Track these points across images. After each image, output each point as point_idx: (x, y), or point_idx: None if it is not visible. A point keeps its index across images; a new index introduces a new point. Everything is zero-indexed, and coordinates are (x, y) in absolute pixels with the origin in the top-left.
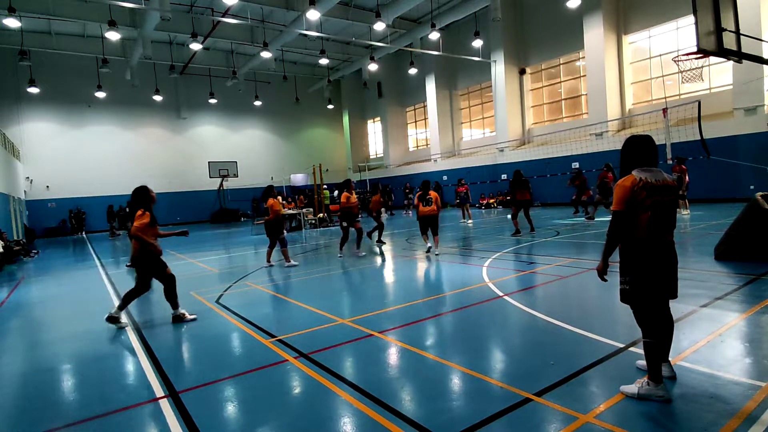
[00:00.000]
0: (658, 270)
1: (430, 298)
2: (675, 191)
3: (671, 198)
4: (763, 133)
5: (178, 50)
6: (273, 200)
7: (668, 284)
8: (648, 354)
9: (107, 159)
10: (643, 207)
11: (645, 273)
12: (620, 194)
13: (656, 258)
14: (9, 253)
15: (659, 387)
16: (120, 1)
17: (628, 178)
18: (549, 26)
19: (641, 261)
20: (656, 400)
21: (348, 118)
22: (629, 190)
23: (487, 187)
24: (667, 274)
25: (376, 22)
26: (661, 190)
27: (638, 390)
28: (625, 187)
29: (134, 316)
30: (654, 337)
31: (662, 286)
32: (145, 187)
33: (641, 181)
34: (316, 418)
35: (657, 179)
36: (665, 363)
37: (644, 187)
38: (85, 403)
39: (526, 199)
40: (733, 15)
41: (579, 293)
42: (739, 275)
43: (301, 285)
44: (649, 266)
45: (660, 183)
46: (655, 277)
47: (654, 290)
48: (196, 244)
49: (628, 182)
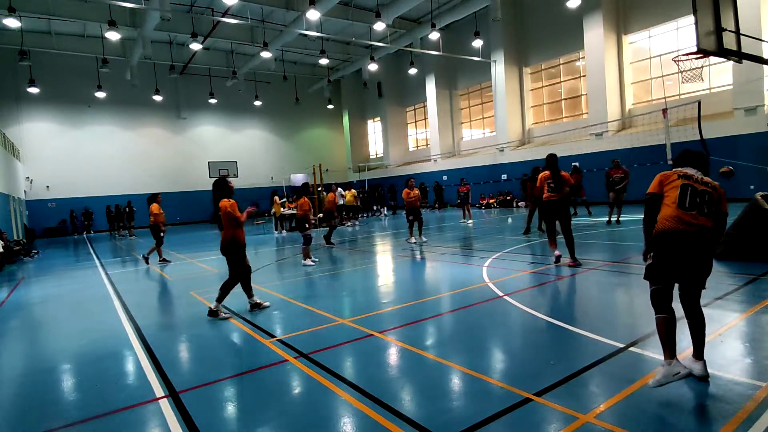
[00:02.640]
0: (680, 257)
1: (430, 298)
2: (716, 188)
3: (706, 189)
4: (763, 133)
5: (178, 50)
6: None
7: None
8: (660, 331)
9: (107, 159)
10: (673, 188)
11: (665, 256)
12: (655, 181)
13: (680, 245)
14: (9, 253)
15: (674, 364)
16: (120, 1)
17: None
18: (549, 26)
19: (664, 244)
20: (675, 379)
21: (348, 118)
22: (662, 176)
23: (487, 187)
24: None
25: (376, 22)
26: (697, 181)
27: (658, 378)
28: (659, 175)
29: (135, 317)
30: (665, 312)
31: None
32: (225, 177)
33: (676, 171)
34: (316, 418)
35: (695, 175)
36: (698, 362)
37: (678, 175)
38: (85, 403)
39: None
40: (733, 15)
41: (579, 293)
42: (739, 275)
43: (301, 285)
44: (671, 251)
45: (697, 178)
46: (675, 262)
47: (672, 269)
48: (196, 244)
49: (664, 173)
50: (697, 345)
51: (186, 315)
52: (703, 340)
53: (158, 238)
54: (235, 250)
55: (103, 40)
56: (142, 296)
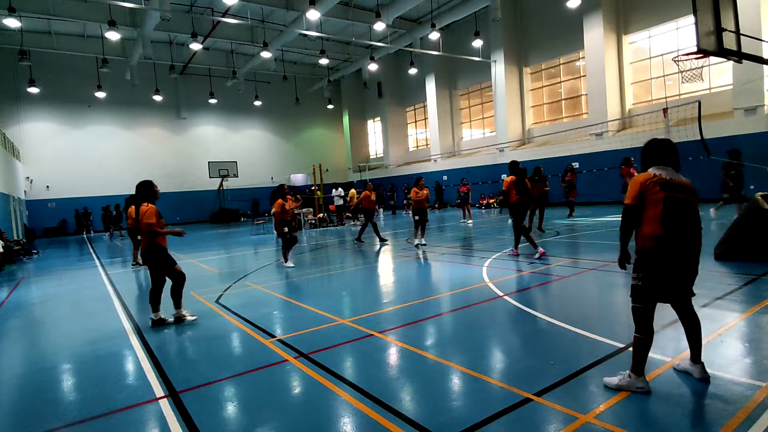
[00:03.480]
0: (670, 271)
1: (430, 298)
2: (692, 192)
3: (687, 197)
4: (763, 133)
5: (178, 50)
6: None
7: (683, 284)
8: (636, 348)
9: (107, 159)
10: (655, 201)
11: (656, 273)
12: (632, 189)
13: (668, 259)
14: (9, 253)
15: (640, 379)
16: (120, 1)
17: (642, 174)
18: (549, 26)
19: (653, 261)
20: (636, 391)
21: (348, 118)
22: (640, 185)
23: (487, 187)
24: (681, 274)
25: (376, 22)
26: (676, 187)
27: (619, 381)
28: (637, 182)
29: (135, 317)
30: (645, 334)
31: (675, 287)
32: (150, 181)
33: (655, 177)
34: (316, 418)
35: (672, 177)
36: (697, 365)
37: (658, 183)
38: (85, 403)
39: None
40: (733, 15)
41: (579, 293)
42: (739, 275)
43: (301, 285)
44: (661, 267)
45: (675, 182)
46: (665, 277)
47: (660, 289)
48: (195, 244)
49: (641, 177)
50: (694, 349)
51: None
52: (700, 344)
53: (136, 241)
54: (157, 256)
55: (103, 40)
56: (142, 296)
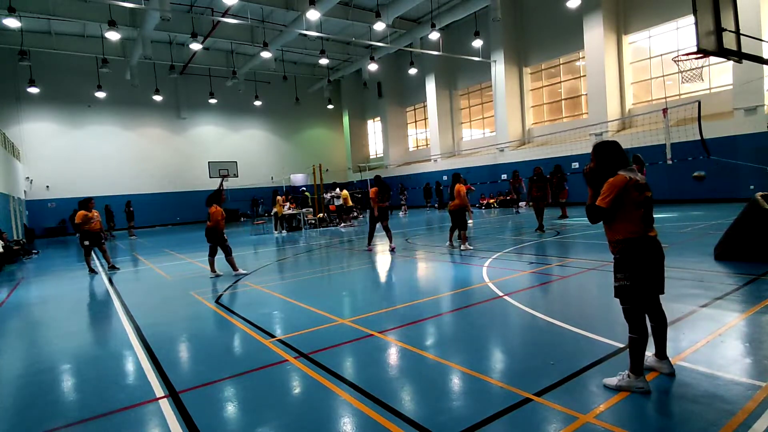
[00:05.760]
0: (652, 265)
1: (430, 298)
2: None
3: (651, 194)
4: (763, 133)
5: (178, 50)
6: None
7: (659, 279)
8: (632, 349)
9: (107, 159)
10: (637, 204)
11: (642, 269)
12: (610, 193)
13: (650, 254)
14: (9, 253)
15: (639, 379)
16: (120, 1)
17: (618, 178)
18: (549, 26)
19: (639, 257)
20: (636, 391)
21: (348, 118)
22: (619, 189)
23: (487, 187)
24: (659, 269)
25: (376, 22)
26: (645, 187)
27: (618, 382)
28: (615, 186)
29: (135, 316)
30: (640, 333)
31: (655, 282)
32: (220, 189)
33: (631, 180)
34: (316, 418)
35: (639, 178)
36: (664, 360)
37: (634, 186)
38: (85, 403)
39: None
40: (733, 15)
41: (579, 293)
42: (739, 275)
43: (301, 285)
44: (646, 262)
45: (642, 182)
46: (650, 272)
47: (649, 286)
48: (195, 244)
49: (619, 182)
50: (660, 345)
51: (186, 315)
52: (665, 340)
53: (86, 247)
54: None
55: (103, 40)
56: (141, 296)
